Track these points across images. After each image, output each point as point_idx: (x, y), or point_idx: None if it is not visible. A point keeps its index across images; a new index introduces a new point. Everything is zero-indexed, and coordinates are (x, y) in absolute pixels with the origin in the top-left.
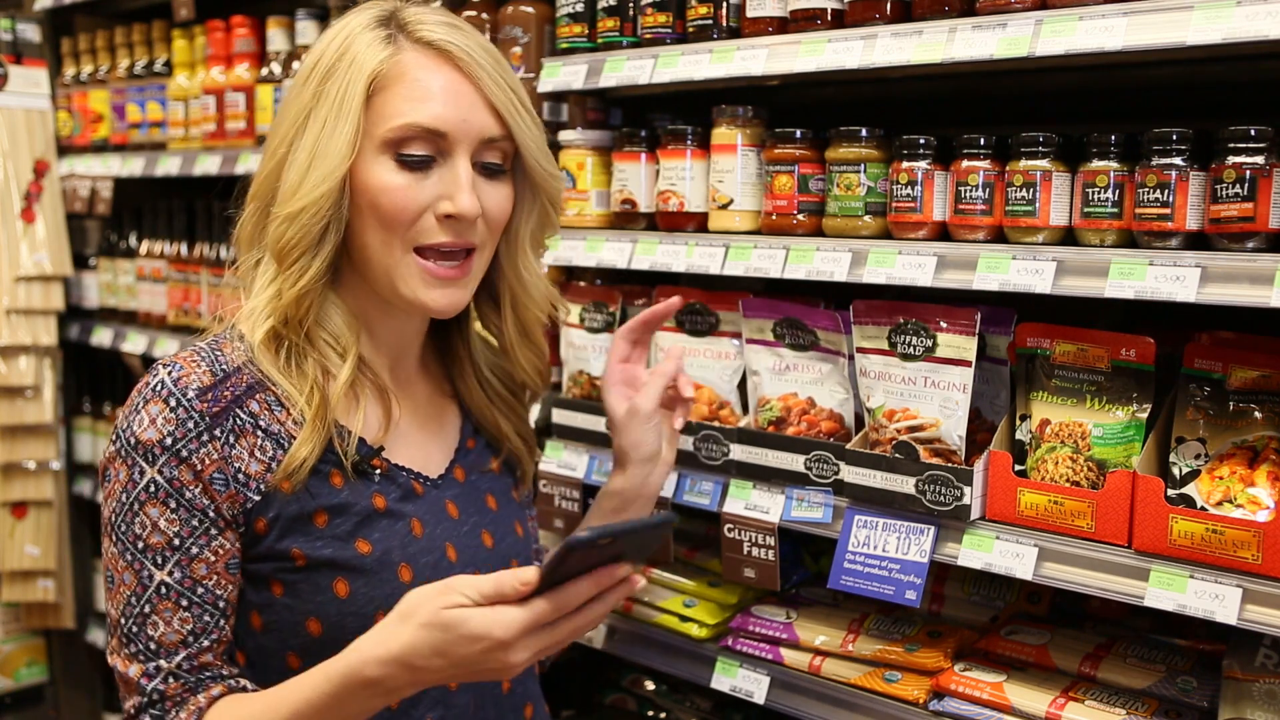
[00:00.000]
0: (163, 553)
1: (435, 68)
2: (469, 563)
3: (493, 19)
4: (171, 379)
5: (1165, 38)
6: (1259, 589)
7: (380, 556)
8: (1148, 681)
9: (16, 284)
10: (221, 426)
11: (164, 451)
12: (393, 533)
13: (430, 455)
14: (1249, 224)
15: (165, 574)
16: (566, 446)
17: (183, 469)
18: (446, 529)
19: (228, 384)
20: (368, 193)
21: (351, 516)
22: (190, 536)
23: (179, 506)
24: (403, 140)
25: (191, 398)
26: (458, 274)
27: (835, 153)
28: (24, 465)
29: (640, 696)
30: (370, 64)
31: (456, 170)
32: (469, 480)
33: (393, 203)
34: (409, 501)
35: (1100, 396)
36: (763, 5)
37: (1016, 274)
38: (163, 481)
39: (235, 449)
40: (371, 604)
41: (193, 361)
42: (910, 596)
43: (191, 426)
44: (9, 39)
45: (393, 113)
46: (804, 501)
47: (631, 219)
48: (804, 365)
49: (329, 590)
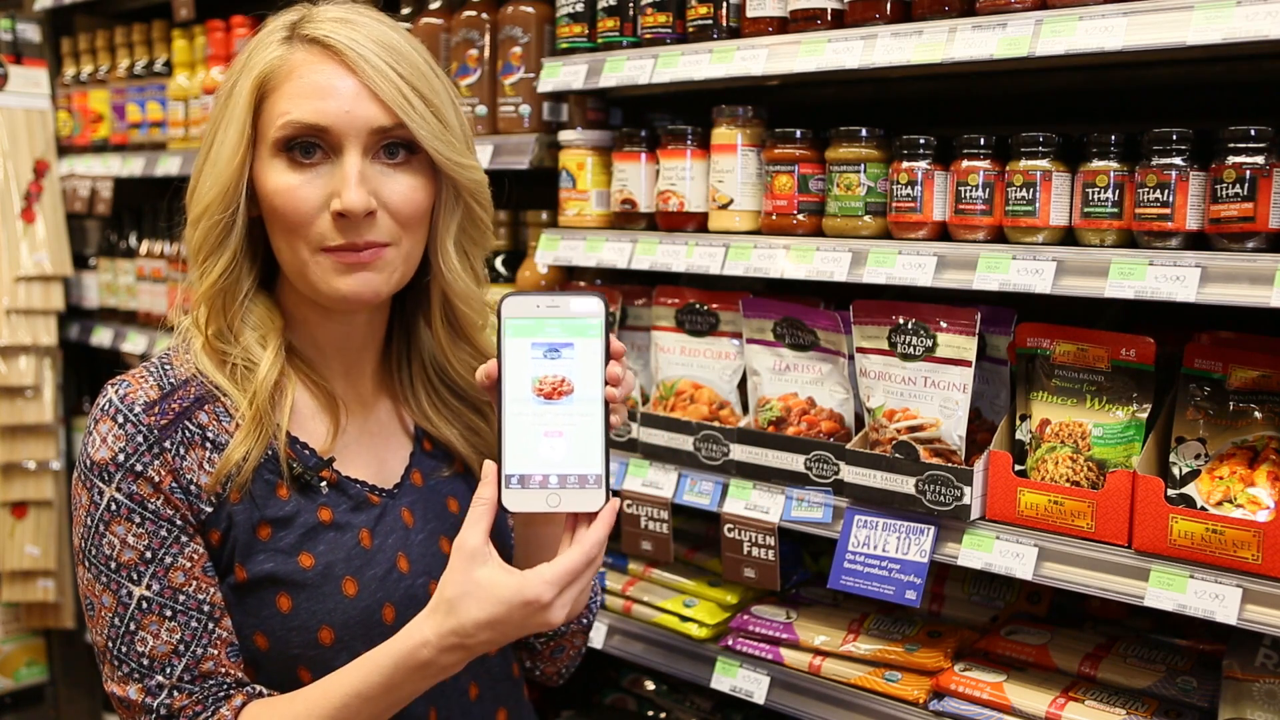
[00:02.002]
0: (136, 568)
1: (319, 64)
2: (422, 572)
3: (493, 19)
4: (118, 397)
5: (1165, 38)
6: (1259, 589)
7: (323, 570)
8: (1148, 681)
9: (16, 284)
10: (170, 439)
11: (118, 469)
12: (338, 545)
13: (385, 463)
14: (1249, 224)
15: (143, 588)
16: None
17: (140, 483)
18: (399, 539)
19: (175, 397)
20: (265, 195)
21: (295, 529)
22: (161, 547)
23: (144, 520)
24: (288, 139)
25: (138, 413)
26: (370, 258)
27: (835, 153)
28: (24, 465)
29: (640, 696)
30: (259, 66)
31: (344, 166)
32: (428, 484)
33: (285, 203)
34: (360, 513)
35: (1100, 396)
36: (763, 5)
37: (1016, 274)
38: (123, 498)
39: (185, 461)
40: (315, 618)
41: (140, 378)
42: (910, 596)
43: (141, 441)
44: (9, 39)
45: (279, 112)
46: (804, 501)
47: (631, 219)
48: (804, 365)
49: (272, 605)
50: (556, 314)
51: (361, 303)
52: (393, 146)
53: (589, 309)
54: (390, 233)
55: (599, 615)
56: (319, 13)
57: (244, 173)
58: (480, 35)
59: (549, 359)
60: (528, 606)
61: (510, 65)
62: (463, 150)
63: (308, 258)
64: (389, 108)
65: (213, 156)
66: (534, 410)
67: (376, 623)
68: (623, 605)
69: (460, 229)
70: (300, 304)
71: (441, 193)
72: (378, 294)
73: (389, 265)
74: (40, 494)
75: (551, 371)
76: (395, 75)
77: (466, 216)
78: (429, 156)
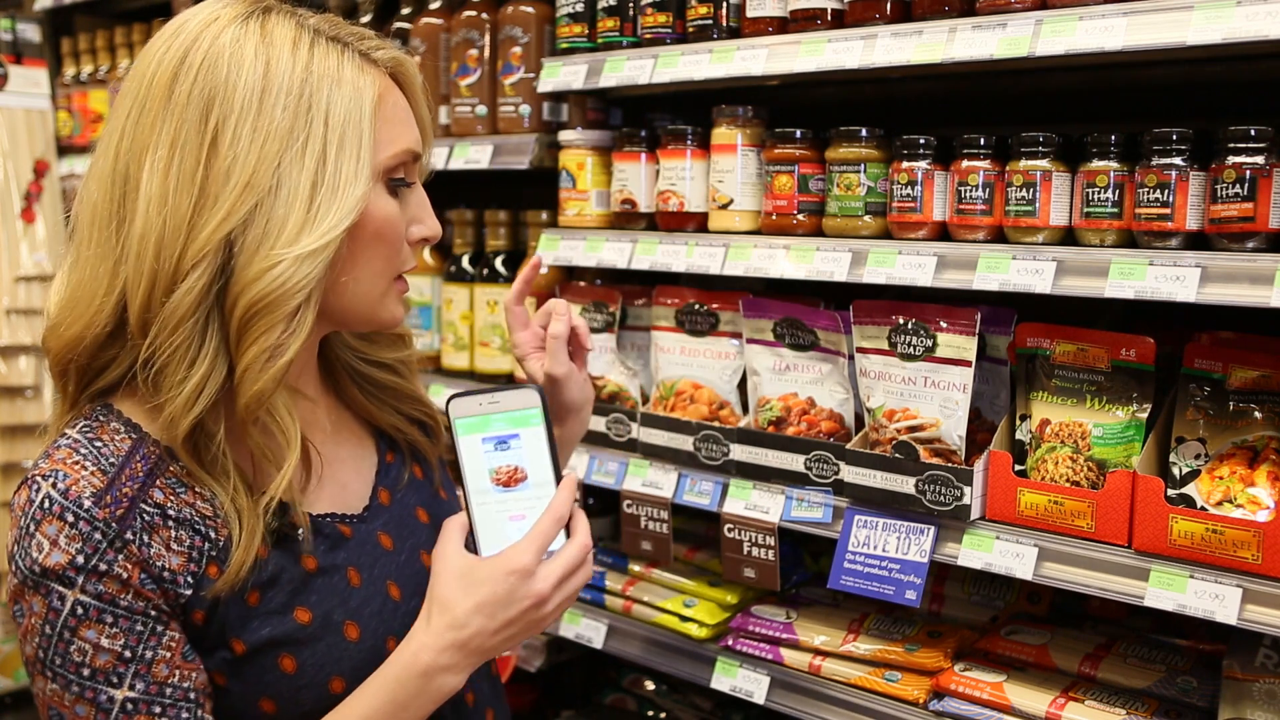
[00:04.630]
0: (116, 670)
1: (395, 89)
2: (414, 593)
3: (493, 19)
4: (59, 492)
5: (1165, 38)
6: (1259, 589)
7: (322, 621)
8: (1148, 681)
9: (16, 284)
10: (131, 529)
11: (79, 572)
12: (330, 591)
13: (349, 487)
14: (1249, 224)
15: (126, 690)
16: None
17: (108, 581)
18: (384, 566)
19: (123, 479)
20: (373, 225)
21: (284, 587)
22: (140, 643)
23: (118, 618)
24: (399, 167)
25: (89, 506)
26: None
27: (835, 153)
28: (24, 465)
29: (640, 696)
30: (370, 88)
31: (420, 192)
32: (395, 500)
33: (394, 232)
34: (340, 549)
35: (1100, 396)
36: (763, 5)
37: (1016, 274)
38: (90, 600)
39: (152, 548)
40: (323, 672)
41: (73, 463)
42: (910, 596)
43: (100, 538)
44: (9, 39)
45: (386, 139)
46: (804, 501)
47: (631, 219)
48: (804, 365)
49: (276, 669)
50: (498, 409)
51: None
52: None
53: (526, 402)
54: None
55: (599, 615)
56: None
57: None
58: (480, 35)
59: (500, 451)
60: (512, 575)
61: (510, 65)
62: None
63: (387, 286)
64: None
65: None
66: (496, 498)
67: (382, 659)
68: (623, 605)
69: None
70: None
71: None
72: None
73: None
74: None
75: (505, 462)
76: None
77: None
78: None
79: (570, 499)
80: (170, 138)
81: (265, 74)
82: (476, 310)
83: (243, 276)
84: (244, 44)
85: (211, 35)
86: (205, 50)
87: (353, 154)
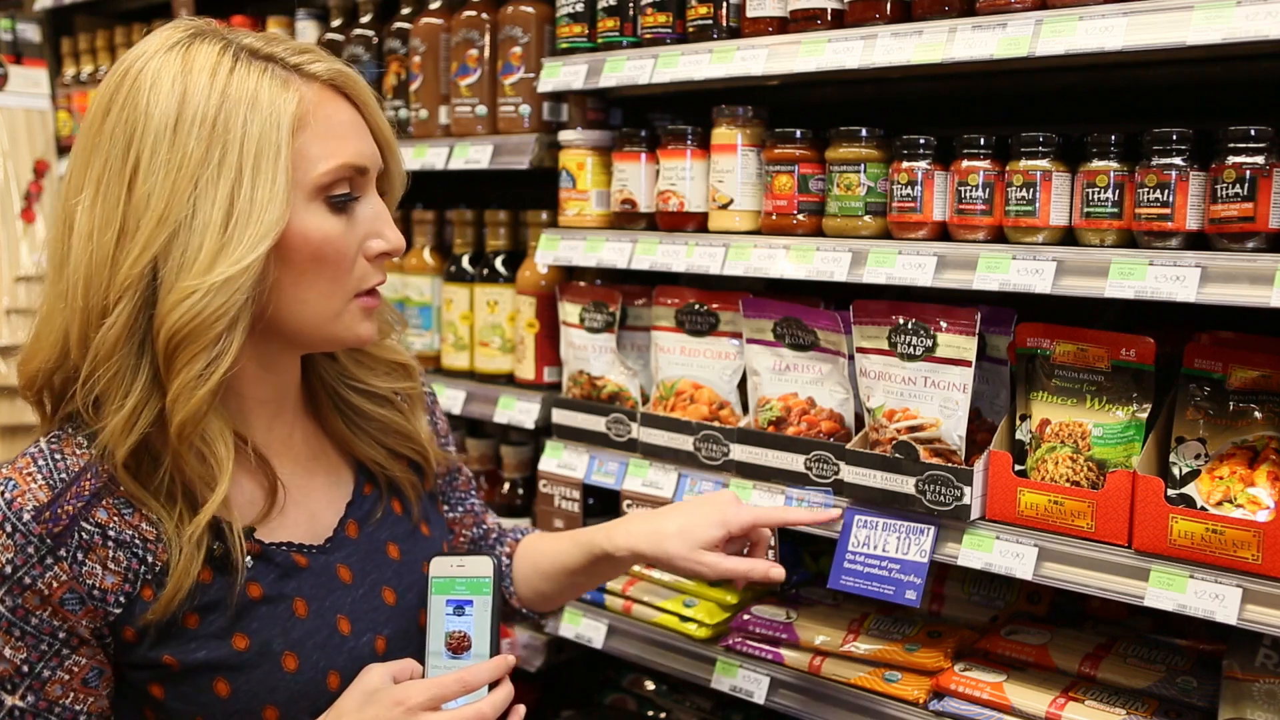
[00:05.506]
0: (11, 679)
1: (334, 101)
2: (366, 629)
3: (493, 19)
4: (5, 502)
5: (1165, 38)
6: (1259, 589)
7: (259, 649)
8: (1148, 681)
9: (16, 284)
10: (66, 546)
11: (4, 581)
12: (272, 620)
13: (316, 517)
14: (1249, 224)
15: (17, 698)
16: (566, 446)
17: (27, 595)
18: (337, 599)
19: (68, 497)
20: (308, 245)
21: (223, 611)
22: (40, 661)
23: (24, 634)
24: (334, 184)
25: (27, 520)
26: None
27: (835, 153)
28: None
29: (640, 696)
30: (288, 106)
31: (376, 206)
32: (364, 533)
33: (336, 250)
34: (290, 579)
35: (1100, 396)
36: (763, 5)
37: (1016, 274)
38: (5, 612)
39: (85, 566)
40: (256, 700)
41: (27, 475)
42: (910, 596)
43: (32, 552)
44: (9, 39)
45: (317, 155)
46: (804, 501)
47: (631, 219)
48: (804, 365)
49: (210, 691)
50: (462, 573)
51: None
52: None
53: (481, 570)
54: None
55: (599, 615)
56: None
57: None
58: (480, 35)
59: (455, 615)
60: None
61: (510, 65)
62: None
63: (341, 306)
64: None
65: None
66: (445, 663)
67: (323, 693)
68: (623, 605)
69: None
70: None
71: None
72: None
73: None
74: None
75: (457, 627)
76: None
77: None
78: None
79: (487, 676)
80: (97, 174)
81: (180, 103)
82: (476, 310)
83: (163, 307)
84: (163, 74)
85: (138, 68)
86: (131, 83)
87: (268, 176)
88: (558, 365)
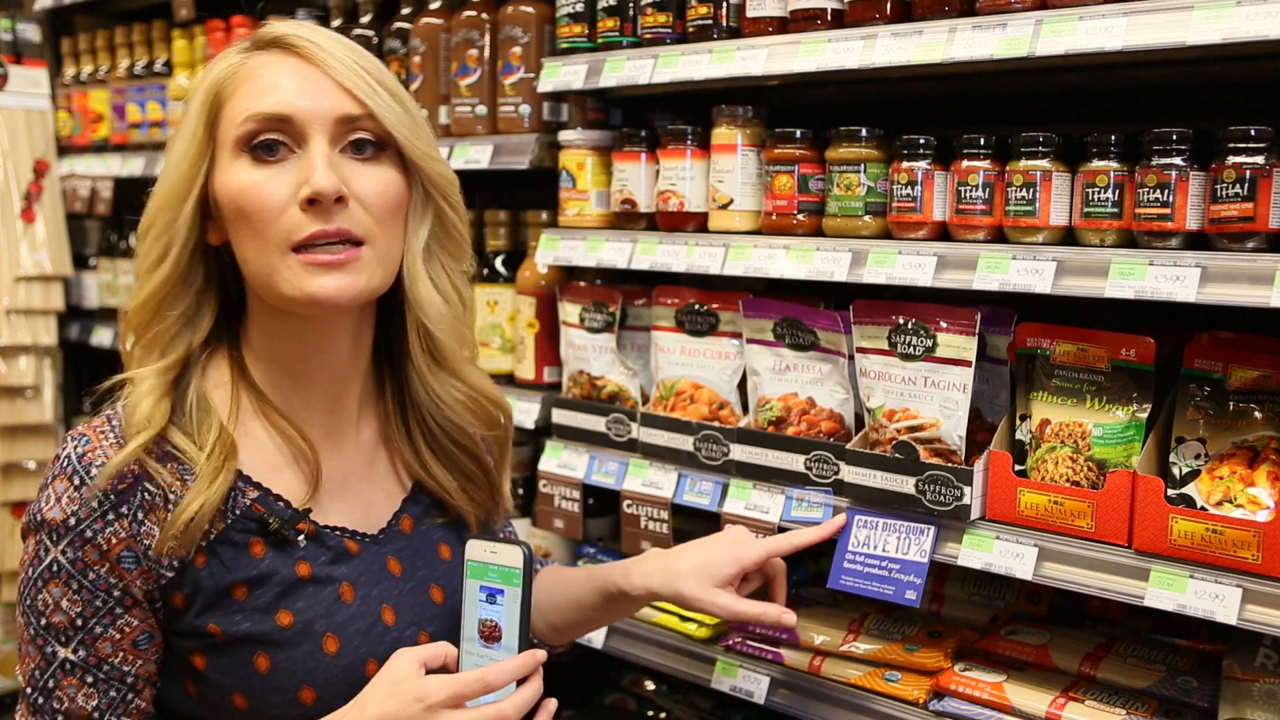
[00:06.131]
0: (65, 632)
1: (278, 62)
2: (411, 623)
3: (493, 19)
4: (77, 455)
5: (1165, 38)
6: (1259, 589)
7: (302, 628)
8: (1148, 681)
9: (16, 284)
10: (128, 504)
11: (67, 532)
12: (318, 600)
13: (372, 507)
14: (1249, 224)
15: (70, 651)
16: (566, 446)
17: (87, 549)
18: (385, 590)
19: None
20: (229, 199)
21: (272, 587)
22: (94, 616)
23: (81, 588)
24: (251, 135)
25: (95, 475)
26: (345, 259)
27: (835, 153)
28: (24, 465)
29: (640, 696)
30: (213, 76)
31: (310, 153)
32: (419, 530)
33: (252, 200)
34: (340, 564)
35: (1100, 396)
36: (763, 5)
37: (1016, 274)
38: (65, 563)
39: (144, 526)
40: (294, 678)
41: (101, 433)
42: (910, 596)
43: (95, 506)
44: (9, 39)
45: (238, 112)
46: (804, 501)
47: (631, 219)
48: (804, 365)
49: (250, 665)
50: (495, 560)
51: (337, 306)
52: (360, 143)
53: (512, 560)
54: (364, 226)
55: None
56: (278, 24)
57: (196, 178)
58: (480, 35)
59: (488, 603)
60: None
61: (510, 65)
62: (432, 145)
63: (277, 261)
64: (355, 96)
65: (170, 167)
66: (477, 650)
67: (360, 680)
68: None
69: (432, 237)
70: (276, 336)
71: (412, 193)
72: (354, 296)
73: (365, 267)
74: None
75: (489, 616)
76: (359, 67)
77: (438, 222)
78: (399, 152)
79: (510, 675)
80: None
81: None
82: (477, 310)
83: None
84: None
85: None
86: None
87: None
88: (558, 365)
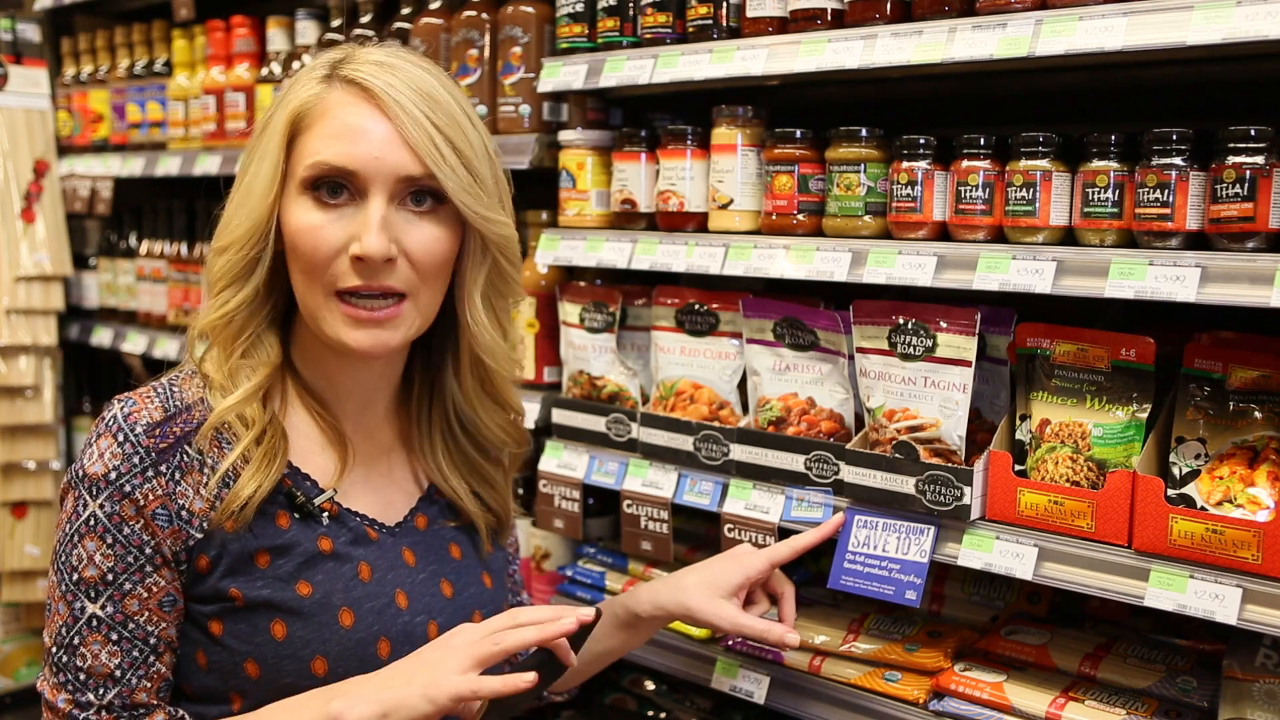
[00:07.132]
0: (95, 586)
1: (355, 105)
2: (421, 610)
3: (493, 19)
4: (123, 414)
5: (1165, 38)
6: (1259, 589)
7: (320, 599)
8: (1148, 681)
9: (16, 284)
10: (168, 463)
11: (108, 485)
12: (337, 575)
13: (390, 502)
14: (1249, 224)
15: (97, 607)
16: (566, 446)
17: (125, 504)
18: (399, 575)
19: (178, 420)
20: (288, 233)
21: (294, 557)
22: (125, 572)
23: (115, 542)
24: (315, 179)
25: (139, 433)
26: (384, 317)
27: (835, 153)
28: (24, 465)
29: (640, 696)
30: (294, 102)
31: (368, 210)
32: (431, 529)
33: (306, 243)
34: (359, 546)
35: (1100, 396)
36: (763, 5)
37: (1016, 274)
38: (102, 516)
39: (180, 485)
40: (308, 648)
41: (146, 397)
42: (910, 596)
43: (137, 462)
44: (9, 39)
45: (310, 151)
46: (804, 501)
47: (631, 219)
48: (804, 365)
49: (266, 632)
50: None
51: (371, 357)
52: (420, 195)
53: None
54: (408, 282)
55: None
56: (361, 54)
57: (275, 209)
58: (480, 35)
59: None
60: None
61: (510, 65)
62: (493, 205)
63: (321, 302)
64: (419, 156)
65: (244, 188)
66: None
67: (371, 656)
68: None
69: (488, 282)
70: (322, 348)
71: (468, 243)
72: (386, 350)
73: (404, 322)
74: (40, 494)
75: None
76: (429, 124)
77: (494, 270)
78: (456, 208)
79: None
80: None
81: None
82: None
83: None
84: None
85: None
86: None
87: (267, 163)
88: (558, 365)
